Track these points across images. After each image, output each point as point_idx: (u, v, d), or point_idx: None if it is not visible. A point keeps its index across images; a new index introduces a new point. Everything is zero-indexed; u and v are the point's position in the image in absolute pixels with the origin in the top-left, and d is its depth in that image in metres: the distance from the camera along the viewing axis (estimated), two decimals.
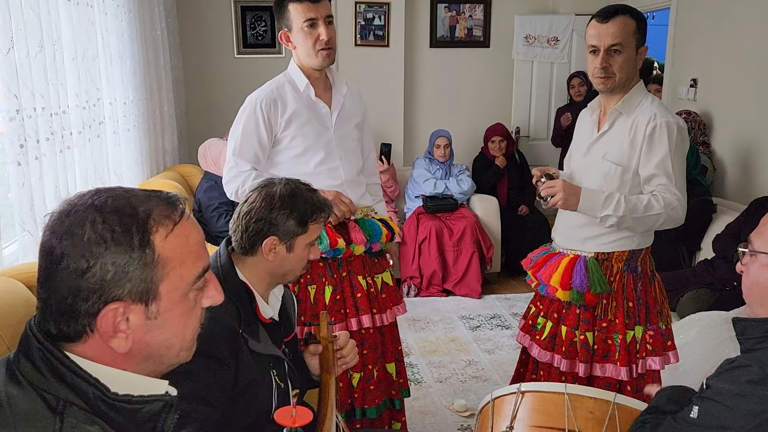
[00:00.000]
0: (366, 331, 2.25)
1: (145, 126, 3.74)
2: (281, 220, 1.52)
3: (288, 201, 1.54)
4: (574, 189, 1.95)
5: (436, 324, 4.03)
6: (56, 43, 2.44)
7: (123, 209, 0.82)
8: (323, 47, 2.11)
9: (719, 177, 4.20)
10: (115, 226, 0.81)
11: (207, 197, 3.76)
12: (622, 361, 2.03)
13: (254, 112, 2.15)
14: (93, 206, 0.82)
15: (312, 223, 1.57)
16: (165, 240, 0.84)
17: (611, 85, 1.97)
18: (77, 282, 0.79)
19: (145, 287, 0.82)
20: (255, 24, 5.04)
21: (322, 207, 1.60)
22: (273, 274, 1.56)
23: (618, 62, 1.94)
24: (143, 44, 3.71)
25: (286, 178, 1.64)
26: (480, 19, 5.34)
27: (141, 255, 0.81)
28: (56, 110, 2.42)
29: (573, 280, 2.02)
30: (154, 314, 0.84)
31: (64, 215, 0.82)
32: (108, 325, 0.81)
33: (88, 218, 0.81)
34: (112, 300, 0.81)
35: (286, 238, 1.53)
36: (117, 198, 0.84)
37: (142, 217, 0.83)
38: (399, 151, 5.25)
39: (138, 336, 0.84)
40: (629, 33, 1.93)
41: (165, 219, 0.85)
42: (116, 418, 0.82)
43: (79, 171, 2.69)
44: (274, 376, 1.52)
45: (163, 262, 0.83)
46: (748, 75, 3.91)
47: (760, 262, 1.25)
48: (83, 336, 0.82)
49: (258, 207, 1.54)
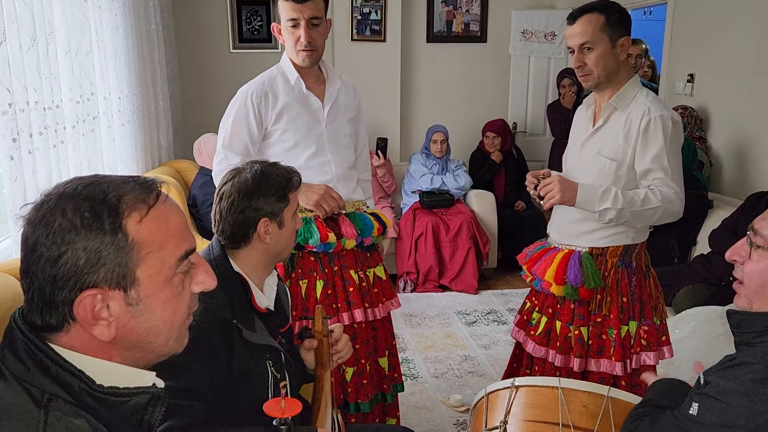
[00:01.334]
0: (358, 326, 2.25)
1: (140, 121, 3.72)
2: (263, 203, 1.54)
3: (263, 182, 1.56)
4: (570, 184, 1.95)
5: (432, 319, 4.02)
6: (49, 36, 2.42)
7: (93, 195, 0.82)
8: (303, 48, 2.10)
9: (716, 172, 4.20)
10: (85, 212, 0.80)
11: (202, 192, 3.75)
12: (616, 356, 2.03)
13: (245, 104, 2.14)
14: (65, 194, 0.82)
15: (290, 192, 1.60)
16: (140, 224, 0.83)
17: (593, 82, 2.00)
18: (52, 270, 0.79)
19: (121, 272, 0.81)
20: (251, 18, 5.02)
21: (290, 175, 1.62)
22: (270, 255, 1.58)
23: (591, 59, 1.96)
24: (138, 38, 3.68)
25: (249, 161, 1.65)
26: (477, 14, 5.32)
27: (113, 239, 0.81)
28: (50, 104, 2.40)
29: (567, 275, 2.02)
30: (135, 300, 0.83)
31: (39, 205, 0.82)
32: (86, 313, 0.80)
33: (59, 206, 0.80)
34: (87, 287, 0.80)
35: (274, 216, 1.55)
36: (89, 185, 0.83)
37: (113, 201, 0.82)
38: (396, 146, 5.23)
39: (122, 323, 0.83)
40: (596, 29, 1.94)
41: (139, 203, 0.84)
42: (102, 410, 0.81)
43: (73, 166, 2.67)
44: (270, 366, 1.51)
45: (138, 246, 0.82)
46: (745, 70, 3.90)
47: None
48: (65, 325, 0.81)
49: (237, 199, 1.54)
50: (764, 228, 1.22)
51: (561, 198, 1.92)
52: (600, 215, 1.95)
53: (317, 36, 2.12)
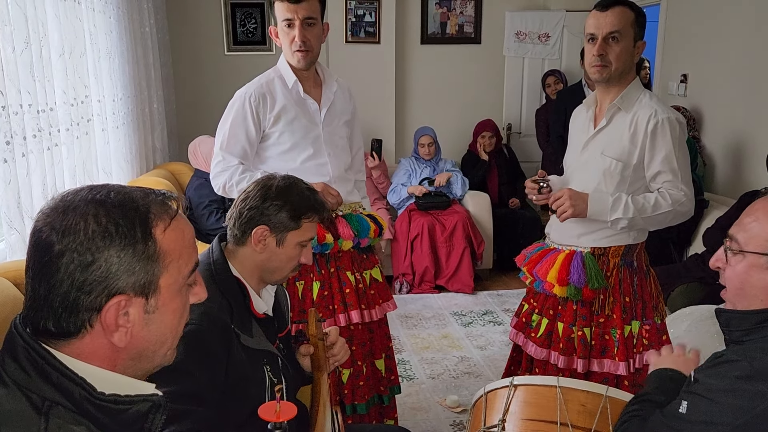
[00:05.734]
0: (355, 327, 2.25)
1: (135, 123, 3.71)
2: (273, 211, 1.51)
3: (283, 192, 1.53)
4: (581, 196, 1.97)
5: (428, 321, 4.03)
6: (43, 39, 2.41)
7: (125, 203, 0.83)
8: (298, 48, 2.10)
9: (709, 172, 4.22)
10: (119, 219, 0.82)
11: (197, 195, 3.74)
12: (620, 356, 2.03)
13: (243, 107, 2.14)
14: (95, 201, 0.83)
15: (305, 220, 1.54)
16: (164, 233, 0.85)
17: (607, 75, 1.97)
18: (82, 275, 0.80)
19: (147, 280, 0.83)
20: (245, 21, 5.01)
21: (317, 207, 1.57)
22: (261, 269, 1.54)
23: (615, 51, 1.95)
24: (132, 41, 3.67)
25: (289, 174, 1.63)
26: (471, 16, 5.33)
27: (144, 248, 0.83)
28: (43, 107, 2.39)
29: (570, 276, 2.02)
30: (153, 308, 0.85)
31: (61, 211, 0.82)
32: (111, 319, 0.81)
33: (91, 212, 0.81)
34: (116, 293, 0.81)
35: (277, 230, 1.52)
36: (118, 193, 0.85)
37: (143, 211, 0.84)
38: (390, 147, 5.24)
39: (135, 330, 0.84)
40: (628, 23, 1.94)
41: (163, 213, 0.86)
42: (102, 418, 0.81)
43: (68, 169, 2.66)
44: (268, 371, 1.50)
45: (164, 255, 0.85)
46: (738, 70, 3.92)
47: (749, 261, 1.22)
48: (82, 331, 0.81)
49: (253, 195, 1.54)
50: (738, 233, 1.25)
51: (574, 212, 1.95)
52: (612, 224, 1.97)
53: (312, 36, 2.11)
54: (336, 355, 1.68)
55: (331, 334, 1.69)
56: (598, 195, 1.97)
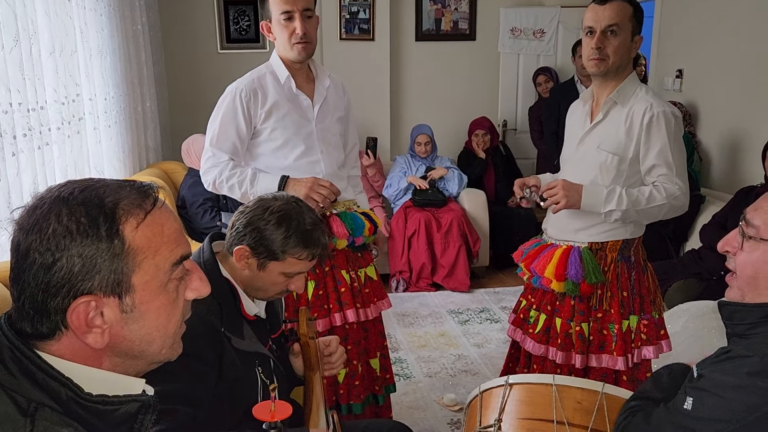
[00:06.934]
0: (350, 326, 2.23)
1: (127, 122, 3.68)
2: (258, 234, 1.45)
3: (279, 218, 1.45)
4: (575, 187, 1.96)
5: (424, 319, 4.01)
6: (32, 37, 2.38)
7: (89, 200, 0.80)
8: (298, 41, 2.08)
9: (705, 167, 4.22)
10: (81, 217, 0.78)
11: (191, 194, 3.72)
12: (618, 351, 2.02)
13: (233, 102, 2.11)
14: (59, 198, 0.80)
15: (292, 256, 1.46)
16: (136, 230, 0.81)
17: (604, 68, 1.96)
18: (45, 277, 0.77)
19: (116, 279, 0.80)
20: (238, 18, 4.98)
21: (311, 245, 1.47)
22: (245, 284, 1.51)
23: (613, 44, 1.94)
24: (124, 39, 3.64)
25: (301, 201, 1.55)
26: (466, 12, 5.31)
27: (109, 246, 0.79)
28: (33, 106, 2.36)
29: (568, 271, 2.01)
30: (129, 307, 0.82)
31: (31, 209, 0.80)
32: (80, 320, 0.78)
33: (53, 210, 0.78)
34: (81, 294, 0.78)
35: (259, 255, 1.46)
36: (84, 189, 0.81)
37: (110, 207, 0.80)
38: (386, 145, 5.22)
39: (115, 330, 0.81)
40: (626, 16, 1.93)
41: (135, 208, 0.82)
42: (90, 419, 0.79)
43: (59, 168, 2.63)
44: (260, 373, 1.49)
45: (134, 252, 0.81)
46: (733, 65, 3.91)
47: (765, 249, 1.16)
48: (57, 333, 0.79)
49: (249, 210, 1.49)
50: (756, 218, 1.19)
51: (566, 203, 1.94)
52: (606, 216, 1.96)
53: (311, 28, 2.10)
54: (333, 362, 1.66)
55: (332, 344, 1.66)
56: (592, 187, 1.97)
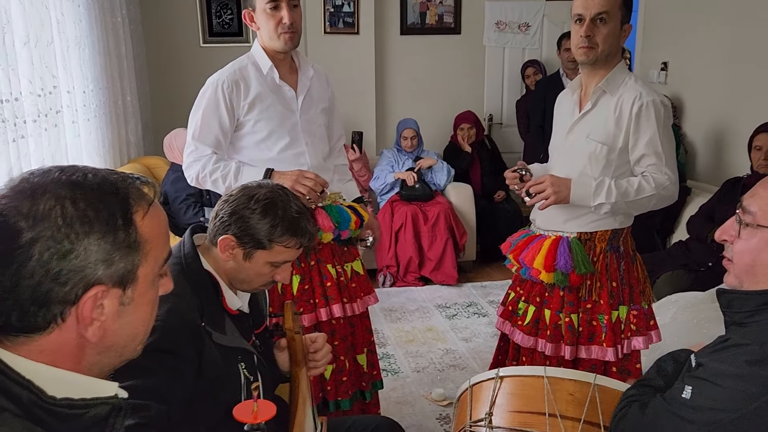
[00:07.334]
0: (336, 322, 2.18)
1: (107, 116, 3.60)
2: (244, 224, 1.41)
3: (264, 206, 1.42)
4: (563, 182, 1.94)
5: (412, 313, 3.98)
6: (5, 26, 2.32)
7: (104, 186, 0.76)
8: (285, 30, 2.03)
9: (691, 159, 4.23)
10: (98, 203, 0.75)
11: (174, 189, 3.66)
12: (608, 341, 2.01)
13: (215, 94, 2.06)
14: (71, 183, 0.75)
15: (279, 244, 1.42)
16: (143, 220, 0.79)
17: (593, 56, 1.93)
18: (58, 265, 0.72)
19: (126, 269, 0.77)
20: (221, 12, 4.91)
21: (299, 233, 1.44)
22: (229, 276, 1.47)
23: (602, 32, 1.91)
24: (103, 31, 3.56)
25: (286, 188, 1.51)
26: (451, 6, 5.27)
27: (125, 236, 0.76)
28: (7, 97, 2.30)
29: (557, 262, 1.98)
30: (128, 299, 0.79)
31: (29, 194, 0.74)
32: (88, 311, 0.75)
33: (67, 195, 0.74)
34: (95, 284, 0.75)
35: (245, 245, 1.42)
36: (96, 174, 0.77)
37: (123, 195, 0.77)
38: (371, 139, 5.17)
39: (107, 324, 0.78)
40: (615, 4, 1.91)
41: (140, 199, 0.80)
42: (56, 425, 0.73)
43: (35, 161, 2.57)
44: (243, 369, 1.44)
45: (143, 243, 0.79)
46: (718, 58, 3.92)
47: (763, 237, 1.14)
48: (51, 326, 0.74)
49: (234, 198, 1.44)
50: (752, 204, 1.17)
51: (555, 198, 1.92)
52: (596, 209, 1.95)
53: (297, 17, 2.06)
54: (318, 361, 1.61)
55: (318, 341, 1.62)
56: (581, 180, 1.95)
